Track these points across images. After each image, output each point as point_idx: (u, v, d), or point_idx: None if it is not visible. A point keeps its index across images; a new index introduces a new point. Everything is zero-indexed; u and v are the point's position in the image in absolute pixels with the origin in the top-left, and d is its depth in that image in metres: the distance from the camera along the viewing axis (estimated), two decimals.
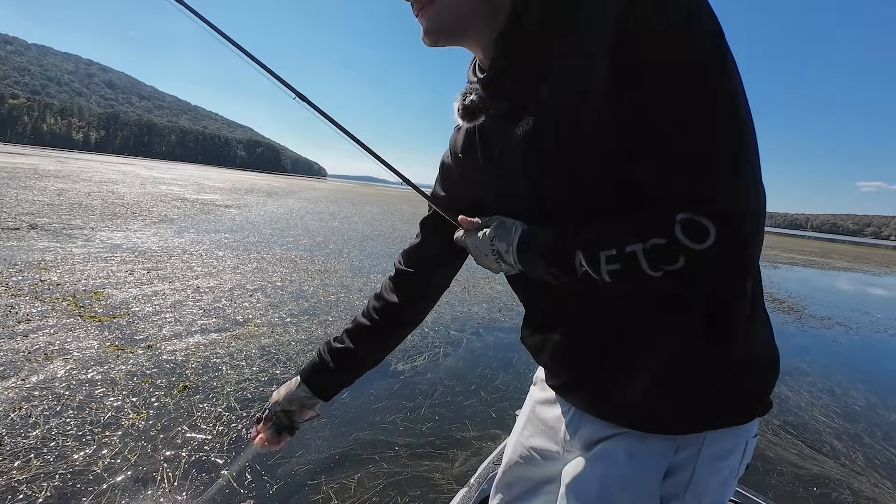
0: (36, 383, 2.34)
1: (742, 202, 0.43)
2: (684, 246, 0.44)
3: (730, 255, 0.44)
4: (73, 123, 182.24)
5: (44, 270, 4.40)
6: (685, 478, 0.59)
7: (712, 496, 0.60)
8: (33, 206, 8.38)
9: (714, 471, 0.59)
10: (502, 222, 0.64)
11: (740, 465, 0.61)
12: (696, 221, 0.43)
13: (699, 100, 0.44)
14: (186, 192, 17.28)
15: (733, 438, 0.59)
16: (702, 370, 0.55)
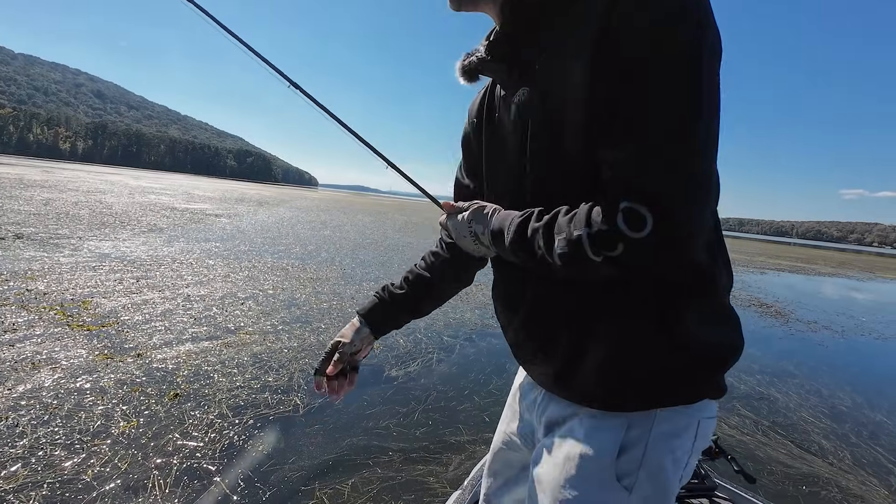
0: (23, 392, 2.30)
1: (681, 197, 0.45)
2: (623, 233, 0.46)
3: (665, 246, 0.46)
4: (61, 133, 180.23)
5: (30, 280, 4.33)
6: (638, 455, 0.61)
7: (665, 474, 0.61)
8: (19, 216, 8.25)
9: (666, 449, 0.61)
10: (481, 206, 0.68)
11: (693, 445, 0.63)
12: (635, 210, 0.46)
13: (660, 98, 0.47)
14: (176, 201, 17.13)
15: (684, 418, 0.62)
16: (650, 352, 0.58)
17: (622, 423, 0.62)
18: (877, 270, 24.23)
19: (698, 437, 0.63)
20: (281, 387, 2.72)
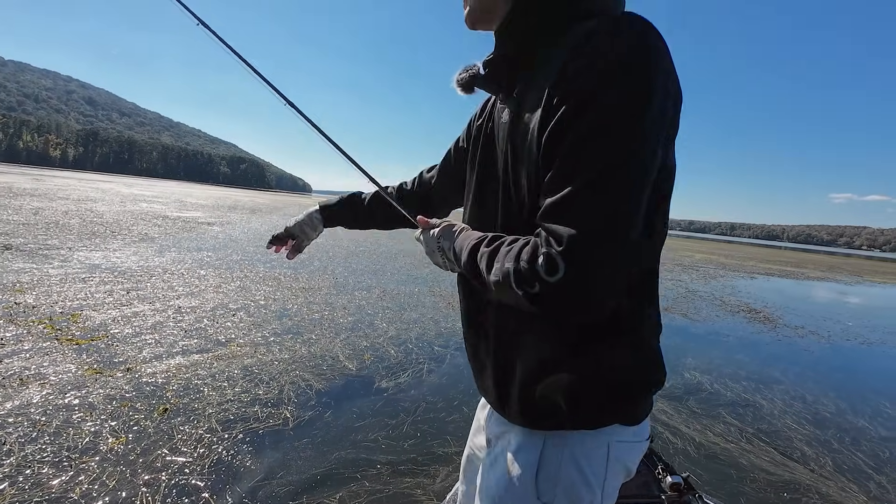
0: (10, 409, 2.30)
1: (595, 252, 0.50)
2: (540, 275, 0.51)
3: (575, 291, 0.51)
4: (51, 140, 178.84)
5: (19, 293, 4.31)
6: (553, 473, 0.67)
7: (579, 492, 0.66)
8: (7, 226, 8.19)
9: (577, 469, 0.66)
10: (450, 224, 0.75)
11: (607, 467, 0.67)
12: (552, 257, 0.50)
13: (589, 159, 0.51)
14: (168, 209, 17.05)
15: (593, 440, 0.67)
16: (563, 377, 0.64)
17: (540, 441, 0.68)
18: (865, 274, 24.58)
19: (611, 459, 0.67)
20: (271, 400, 2.74)
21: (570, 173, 0.52)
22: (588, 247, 0.50)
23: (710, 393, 3.78)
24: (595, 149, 0.51)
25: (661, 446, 2.74)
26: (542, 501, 0.67)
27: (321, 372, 3.23)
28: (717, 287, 11.19)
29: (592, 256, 0.50)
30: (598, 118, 0.51)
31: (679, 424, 3.09)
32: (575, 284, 0.50)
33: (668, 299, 8.37)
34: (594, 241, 0.50)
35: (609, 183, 0.50)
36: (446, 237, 0.73)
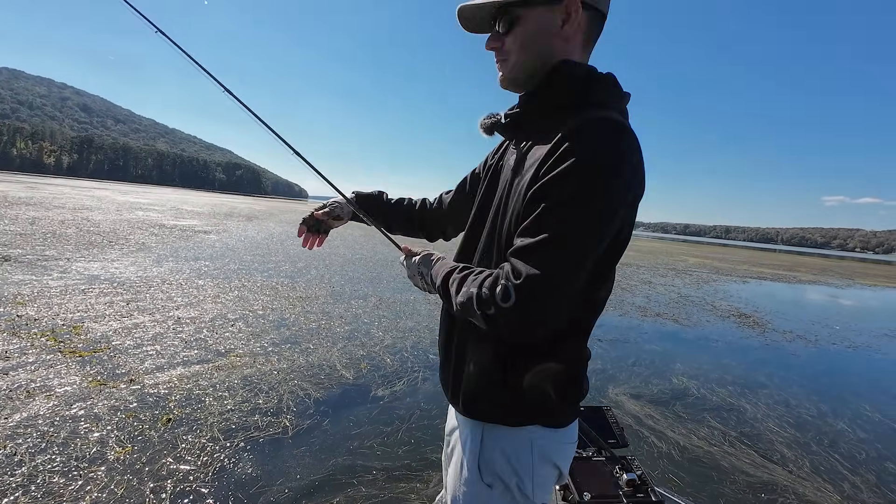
0: (19, 421, 2.39)
1: (539, 293, 0.64)
2: (496, 300, 0.66)
3: (517, 319, 0.65)
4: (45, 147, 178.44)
5: (20, 305, 4.39)
6: (489, 458, 0.82)
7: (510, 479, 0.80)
8: (5, 237, 8.25)
9: (506, 459, 0.81)
10: (429, 254, 0.91)
11: (533, 460, 0.81)
12: (508, 288, 0.65)
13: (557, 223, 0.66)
14: (164, 217, 17.10)
15: (517, 436, 0.81)
16: (493, 382, 0.80)
17: (479, 432, 0.83)
18: (856, 277, 24.89)
19: (535, 454, 0.81)
20: (271, 409, 2.84)
21: (540, 228, 0.66)
22: (538, 286, 0.64)
23: (697, 398, 3.90)
24: (563, 217, 0.65)
25: (645, 450, 2.86)
26: (485, 482, 0.82)
27: (319, 381, 3.33)
28: (709, 292, 11.36)
29: (539, 295, 0.64)
30: (569, 199, 0.66)
31: (665, 429, 3.20)
32: (520, 313, 0.64)
33: (660, 305, 8.51)
34: (544, 283, 0.64)
35: (566, 245, 0.65)
36: (425, 264, 0.89)
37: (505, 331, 0.67)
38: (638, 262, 18.76)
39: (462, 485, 0.84)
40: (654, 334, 6.12)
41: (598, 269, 0.73)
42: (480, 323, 0.70)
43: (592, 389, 3.83)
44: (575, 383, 0.83)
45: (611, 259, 0.75)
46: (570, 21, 0.77)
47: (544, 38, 0.79)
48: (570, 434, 0.87)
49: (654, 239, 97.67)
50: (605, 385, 3.96)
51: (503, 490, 0.81)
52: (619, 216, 0.68)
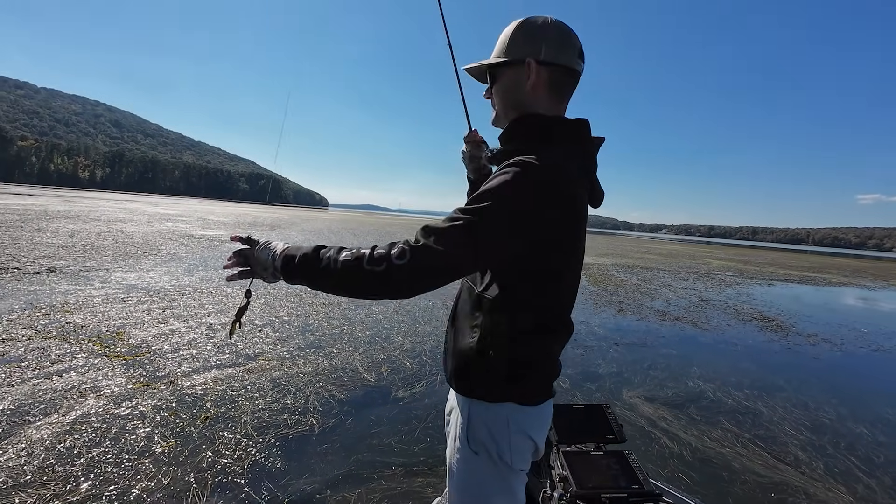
0: (75, 418, 2.64)
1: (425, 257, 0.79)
2: (391, 257, 0.80)
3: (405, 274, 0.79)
4: (80, 162, 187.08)
5: (67, 313, 4.74)
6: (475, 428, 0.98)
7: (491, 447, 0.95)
8: (49, 249, 8.78)
9: (487, 430, 0.96)
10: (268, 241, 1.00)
11: (510, 433, 0.95)
12: (405, 250, 0.80)
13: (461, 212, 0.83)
14: (192, 228, 17.78)
15: (494, 411, 0.96)
16: (474, 362, 0.97)
17: (467, 406, 0.99)
18: (891, 278, 23.89)
19: (512, 427, 0.96)
20: (298, 408, 3.03)
21: (450, 216, 0.84)
22: (428, 254, 0.80)
23: (712, 401, 3.94)
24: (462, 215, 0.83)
25: (656, 450, 2.94)
26: (473, 450, 0.98)
27: (343, 383, 3.52)
28: (731, 295, 11.18)
29: (427, 260, 0.80)
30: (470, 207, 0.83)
31: (678, 430, 3.27)
32: (409, 270, 0.79)
33: (679, 308, 8.46)
34: (433, 253, 0.80)
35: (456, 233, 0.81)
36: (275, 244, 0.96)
37: (391, 284, 0.79)
38: (658, 266, 18.52)
39: (455, 453, 1.01)
40: (672, 338, 6.12)
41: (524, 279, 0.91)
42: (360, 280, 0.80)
43: (606, 389, 3.92)
44: (536, 371, 0.99)
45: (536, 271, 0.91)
46: (531, 78, 0.94)
47: (514, 93, 0.98)
48: (542, 412, 1.02)
49: (676, 241, 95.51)
50: (619, 388, 4.03)
51: (487, 457, 0.97)
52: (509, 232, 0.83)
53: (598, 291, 9.84)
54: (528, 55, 0.94)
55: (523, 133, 0.96)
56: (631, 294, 9.86)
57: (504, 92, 1.00)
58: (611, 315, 7.36)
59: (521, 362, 0.96)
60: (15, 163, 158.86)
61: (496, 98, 1.02)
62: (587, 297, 8.95)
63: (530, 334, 0.95)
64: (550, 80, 0.95)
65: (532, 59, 0.93)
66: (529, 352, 0.96)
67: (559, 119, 0.97)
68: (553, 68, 0.94)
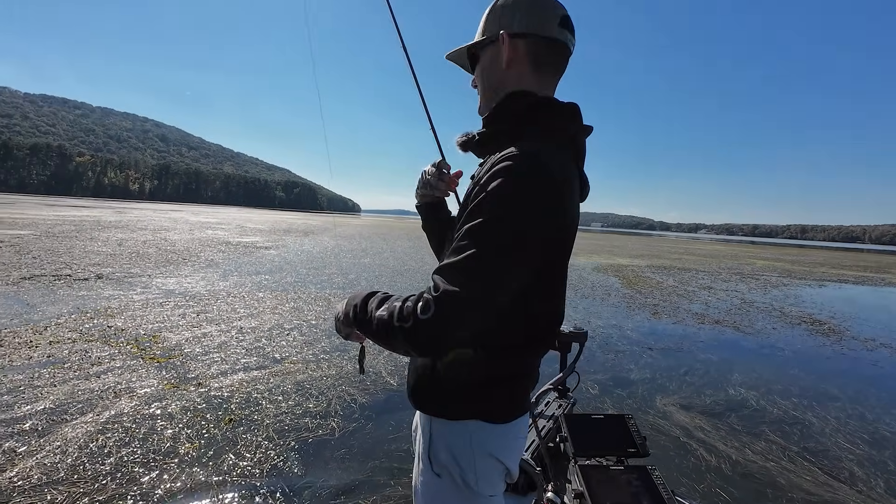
0: (108, 418, 2.74)
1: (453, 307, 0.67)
2: (416, 313, 0.69)
3: (432, 330, 0.69)
4: (130, 175, 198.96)
5: (110, 317, 4.97)
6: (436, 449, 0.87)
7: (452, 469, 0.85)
8: (98, 257, 9.32)
9: (448, 450, 0.86)
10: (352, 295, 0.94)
11: (473, 452, 0.84)
12: (428, 301, 0.69)
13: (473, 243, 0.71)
14: (230, 235, 18.47)
15: (455, 429, 0.86)
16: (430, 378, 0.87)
17: (428, 424, 0.89)
18: None
19: (475, 446, 0.85)
20: (320, 412, 3.04)
21: (459, 249, 0.72)
22: (453, 302, 0.68)
23: (755, 409, 3.68)
24: (477, 239, 0.71)
25: (692, 463, 2.76)
26: (435, 472, 0.87)
27: (365, 387, 3.51)
28: (777, 297, 10.54)
29: (453, 310, 0.68)
30: (484, 222, 0.71)
31: (716, 441, 3.06)
32: (435, 325, 0.68)
33: (719, 311, 8.03)
34: (458, 299, 0.68)
35: (479, 265, 0.69)
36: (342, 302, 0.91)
37: (420, 341, 0.70)
38: (696, 267, 17.73)
39: (419, 475, 0.90)
40: (711, 343, 5.80)
41: (523, 289, 0.77)
42: (397, 339, 0.72)
43: (638, 396, 3.74)
44: (511, 385, 0.87)
45: (536, 280, 0.79)
46: (504, 53, 0.85)
47: (493, 73, 0.89)
48: (513, 430, 0.89)
49: (717, 241, 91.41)
50: (652, 395, 3.83)
51: (451, 480, 0.86)
52: (528, 240, 0.72)
53: (631, 294, 9.50)
54: (501, 28, 0.86)
55: (508, 113, 0.86)
56: (667, 296, 9.46)
57: (483, 72, 0.92)
58: (645, 318, 7.07)
59: (496, 376, 0.85)
60: (73, 177, 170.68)
61: (478, 82, 0.94)
62: (620, 299, 8.65)
63: (520, 347, 0.85)
64: (528, 52, 0.86)
65: (504, 32, 0.85)
66: (511, 366, 0.86)
67: (548, 100, 0.87)
68: (529, 39, 0.85)
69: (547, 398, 1.87)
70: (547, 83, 0.89)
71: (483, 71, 0.92)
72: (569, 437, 1.38)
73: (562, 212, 0.76)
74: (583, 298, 8.53)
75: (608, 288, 10.19)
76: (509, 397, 0.87)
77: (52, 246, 10.63)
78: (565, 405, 1.80)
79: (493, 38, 0.87)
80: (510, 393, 0.87)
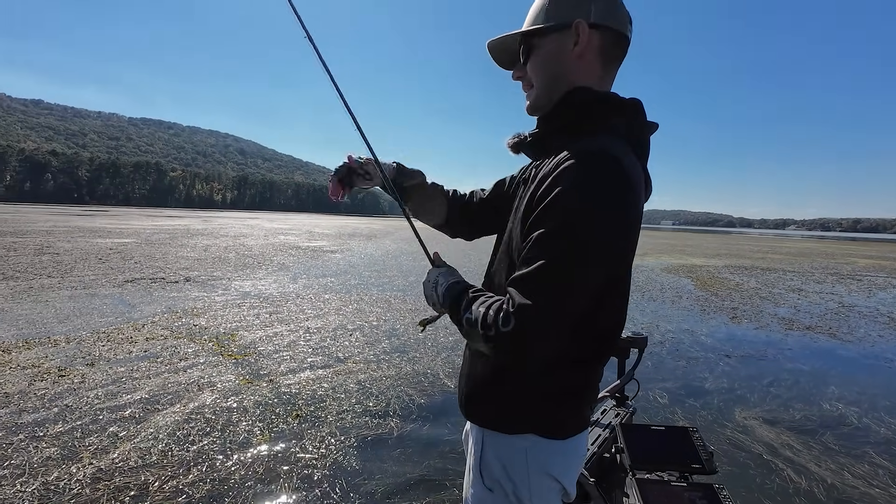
0: (193, 409, 3.01)
1: (530, 321, 0.66)
2: (497, 324, 0.68)
3: (513, 344, 0.67)
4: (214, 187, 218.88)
5: (195, 316, 5.48)
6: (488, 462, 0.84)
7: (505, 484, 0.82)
8: (187, 262, 10.30)
9: (501, 465, 0.82)
10: (452, 270, 0.92)
11: (528, 468, 0.80)
12: (508, 314, 0.67)
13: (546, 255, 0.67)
14: (300, 240, 19.62)
15: (512, 443, 0.82)
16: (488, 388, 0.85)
17: (481, 436, 0.85)
18: None
19: (530, 463, 0.81)
20: (379, 412, 3.13)
21: (532, 259, 0.69)
22: (531, 315, 0.66)
23: (856, 428, 3.26)
24: (551, 248, 0.68)
25: (777, 485, 2.50)
26: (487, 486, 0.84)
27: (423, 388, 3.57)
28: (884, 300, 9.27)
29: (533, 324, 0.66)
30: (555, 231, 0.68)
31: (807, 462, 2.76)
32: (516, 339, 0.67)
33: (811, 316, 7.22)
34: (536, 313, 0.66)
35: (556, 276, 0.67)
36: (444, 276, 0.89)
37: (502, 354, 0.71)
38: (784, 267, 16.08)
39: (470, 487, 0.87)
40: (801, 350, 5.23)
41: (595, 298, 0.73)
42: (481, 343, 0.72)
43: (713, 407, 3.46)
44: (571, 400, 0.83)
45: (610, 289, 0.75)
46: (580, 43, 0.79)
47: (558, 64, 0.82)
48: (572, 447, 0.85)
49: (809, 238, 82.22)
50: (730, 407, 3.53)
51: (503, 496, 0.83)
52: (607, 247, 0.69)
53: (706, 296, 8.82)
54: (577, 16, 0.78)
55: (572, 108, 0.80)
56: (748, 299, 8.67)
57: (544, 64, 0.83)
58: (721, 323, 6.53)
59: (558, 389, 0.81)
60: (168, 191, 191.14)
61: (534, 74, 0.85)
62: (692, 302, 8.06)
63: (583, 358, 0.80)
64: (602, 46, 0.80)
65: (583, 20, 0.78)
66: (574, 378, 0.81)
67: (612, 96, 0.81)
68: (605, 32, 0.79)
69: (603, 406, 1.79)
70: (610, 79, 0.85)
71: (541, 62, 0.84)
72: (625, 449, 1.31)
73: (634, 213, 0.72)
74: (650, 301, 8.05)
75: (679, 290, 9.54)
76: (570, 412, 0.83)
77: (150, 252, 11.92)
78: (623, 414, 1.71)
79: (564, 24, 0.79)
80: (571, 407, 0.83)
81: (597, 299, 0.73)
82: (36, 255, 10.34)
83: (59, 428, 2.69)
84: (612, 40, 0.81)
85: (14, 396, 3.09)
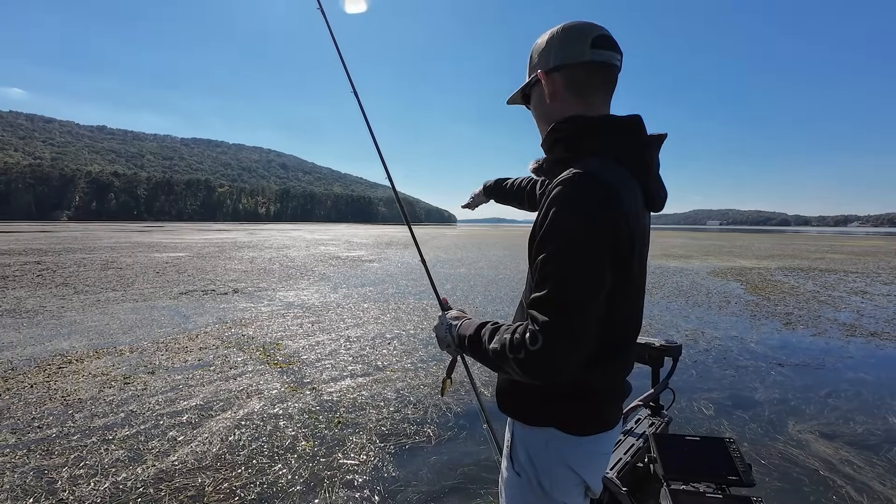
0: (242, 416, 3.20)
1: (557, 335, 0.73)
2: (526, 344, 0.75)
3: (544, 360, 0.74)
4: (259, 201, 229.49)
5: (244, 326, 5.78)
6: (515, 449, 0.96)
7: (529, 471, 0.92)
8: (234, 274, 10.85)
9: (526, 454, 0.92)
10: (461, 313, 1.07)
11: (549, 459, 0.88)
12: (535, 333, 0.75)
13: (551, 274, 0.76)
14: (339, 250, 20.20)
15: (534, 435, 0.92)
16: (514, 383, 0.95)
17: (511, 425, 0.95)
18: None
19: (551, 454, 0.90)
20: (417, 419, 3.20)
21: (544, 280, 0.78)
22: (555, 331, 0.74)
23: None
24: (557, 268, 0.77)
25: (835, 503, 2.36)
26: (516, 471, 0.95)
27: (460, 396, 3.61)
28: None
29: (558, 339, 0.74)
30: (557, 252, 0.77)
31: (870, 479, 2.58)
32: (546, 355, 0.74)
33: (877, 321, 6.70)
34: (559, 328, 0.74)
35: (568, 292, 0.75)
36: (456, 319, 1.03)
37: (534, 372, 0.76)
38: (845, 268, 14.98)
39: (504, 469, 0.99)
40: (865, 359, 4.88)
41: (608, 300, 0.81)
42: (512, 367, 0.79)
43: (763, 419, 3.29)
44: (589, 398, 0.89)
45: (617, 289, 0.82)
46: (546, 89, 0.93)
47: (542, 106, 0.97)
48: (594, 445, 0.91)
49: (874, 236, 75.92)
50: (782, 419, 3.35)
51: (528, 481, 0.93)
52: (604, 255, 0.76)
53: (756, 301, 8.37)
54: (539, 68, 0.94)
55: (558, 140, 0.92)
56: (804, 303, 8.16)
57: (534, 110, 1.02)
58: (774, 329, 6.19)
59: (574, 389, 0.89)
60: (216, 205, 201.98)
61: (534, 117, 1.03)
62: (742, 307, 7.68)
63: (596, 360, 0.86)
64: (566, 82, 0.91)
65: (540, 71, 0.93)
66: (590, 379, 0.88)
67: (600, 119, 0.89)
68: (565, 70, 0.90)
69: (637, 415, 1.77)
70: (598, 103, 0.92)
71: (535, 109, 1.01)
72: (658, 458, 1.30)
73: (619, 215, 0.78)
74: (695, 307, 7.74)
75: (727, 294, 9.11)
76: (587, 411, 0.90)
77: (201, 265, 12.65)
78: (658, 424, 1.69)
79: (534, 80, 0.95)
80: (588, 407, 0.90)
81: (608, 300, 0.80)
82: (102, 269, 11.23)
83: (125, 432, 2.93)
84: (583, 72, 0.89)
85: (87, 402, 3.39)
